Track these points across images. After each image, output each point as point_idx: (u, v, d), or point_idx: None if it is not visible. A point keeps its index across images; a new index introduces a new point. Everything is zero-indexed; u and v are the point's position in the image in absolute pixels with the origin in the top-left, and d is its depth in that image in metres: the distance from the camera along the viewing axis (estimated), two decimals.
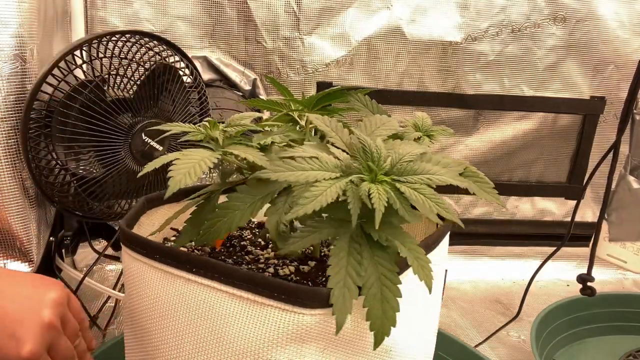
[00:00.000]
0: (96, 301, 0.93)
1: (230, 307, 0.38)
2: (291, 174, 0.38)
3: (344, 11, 1.05)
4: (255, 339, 0.37)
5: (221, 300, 0.39)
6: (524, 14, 1.10)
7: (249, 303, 0.38)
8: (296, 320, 0.37)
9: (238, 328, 0.38)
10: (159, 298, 0.42)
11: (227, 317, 0.38)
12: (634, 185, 0.95)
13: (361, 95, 0.57)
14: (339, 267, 0.37)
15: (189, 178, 0.40)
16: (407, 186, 0.39)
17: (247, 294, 0.38)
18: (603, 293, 0.92)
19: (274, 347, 0.37)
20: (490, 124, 1.17)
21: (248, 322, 0.38)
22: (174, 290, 0.41)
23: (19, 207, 0.71)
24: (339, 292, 0.36)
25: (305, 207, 0.36)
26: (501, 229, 1.24)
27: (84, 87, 0.68)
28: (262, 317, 0.37)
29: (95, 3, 0.97)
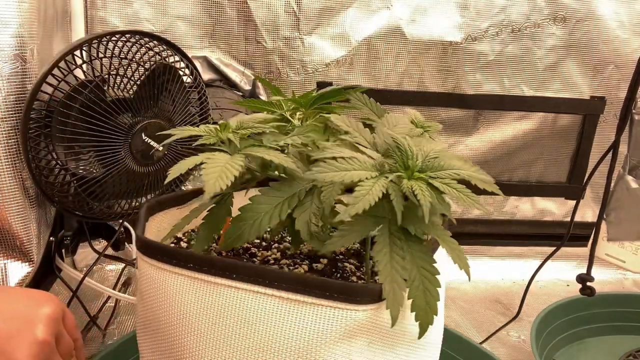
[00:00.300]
0: (96, 301, 0.93)
1: (278, 310, 0.38)
2: (336, 174, 0.39)
3: (344, 11, 1.05)
4: (306, 340, 0.38)
5: (268, 304, 0.38)
6: (524, 14, 1.10)
7: (297, 304, 0.38)
8: (348, 317, 0.38)
9: (287, 330, 0.38)
10: (194, 308, 0.40)
11: (275, 321, 0.38)
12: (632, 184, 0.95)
13: (360, 94, 0.57)
14: (385, 262, 0.39)
15: (223, 182, 0.39)
16: (439, 182, 0.41)
17: (295, 295, 0.38)
18: (603, 293, 0.92)
19: (325, 346, 0.38)
20: (490, 124, 1.17)
21: (298, 323, 0.38)
22: (212, 299, 0.40)
23: (19, 207, 0.71)
24: (390, 286, 0.38)
25: (356, 206, 0.37)
26: (501, 229, 1.24)
27: (84, 87, 0.68)
28: (313, 317, 0.38)
29: (95, 3, 0.97)
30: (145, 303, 0.44)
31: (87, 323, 0.85)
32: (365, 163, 0.41)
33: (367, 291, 0.38)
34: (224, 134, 0.45)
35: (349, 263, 0.53)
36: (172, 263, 0.41)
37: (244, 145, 0.45)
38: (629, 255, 0.97)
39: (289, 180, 0.44)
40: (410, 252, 0.40)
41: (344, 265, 0.53)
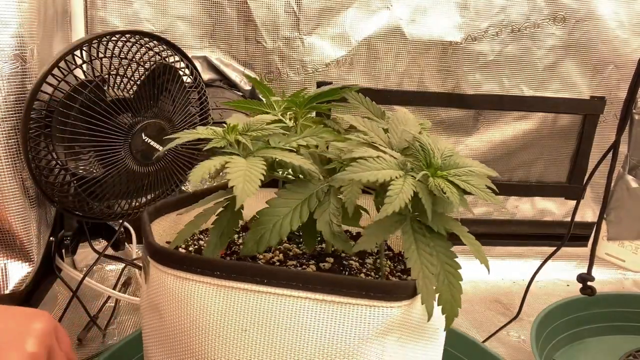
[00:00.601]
0: (96, 301, 0.93)
1: (315, 312, 0.38)
2: (370, 173, 0.40)
3: (344, 11, 1.06)
4: (344, 340, 0.38)
5: (303, 307, 0.38)
6: (523, 14, 1.10)
7: (334, 305, 0.38)
8: (385, 314, 0.39)
9: (325, 332, 0.38)
10: (223, 317, 0.39)
11: (311, 323, 0.38)
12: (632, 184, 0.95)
13: (357, 94, 0.57)
14: (415, 259, 0.40)
15: (251, 187, 0.39)
16: (459, 179, 0.43)
17: (331, 296, 0.38)
18: (603, 293, 0.92)
19: (363, 344, 0.39)
20: (490, 124, 1.17)
21: (335, 324, 0.38)
22: (243, 306, 0.39)
23: (19, 207, 0.71)
24: (422, 281, 0.39)
25: (392, 205, 0.38)
26: (501, 229, 1.24)
27: (84, 87, 0.68)
28: (350, 316, 0.38)
29: (95, 3, 0.97)
30: (162, 315, 0.42)
31: (87, 323, 0.85)
32: (390, 162, 0.42)
33: (403, 288, 0.39)
34: (232, 136, 0.44)
35: (353, 260, 0.53)
36: (197, 272, 0.39)
37: (256, 148, 0.44)
38: (629, 254, 0.97)
39: (303, 181, 0.44)
40: (434, 247, 0.42)
41: (350, 263, 0.53)
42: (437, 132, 1.15)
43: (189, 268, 0.40)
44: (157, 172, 0.76)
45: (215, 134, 0.44)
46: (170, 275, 0.41)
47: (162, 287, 0.42)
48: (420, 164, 0.44)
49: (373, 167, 0.41)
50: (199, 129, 0.45)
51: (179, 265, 0.40)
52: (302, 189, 0.43)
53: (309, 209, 0.42)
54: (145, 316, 0.47)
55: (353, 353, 0.39)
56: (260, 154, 0.43)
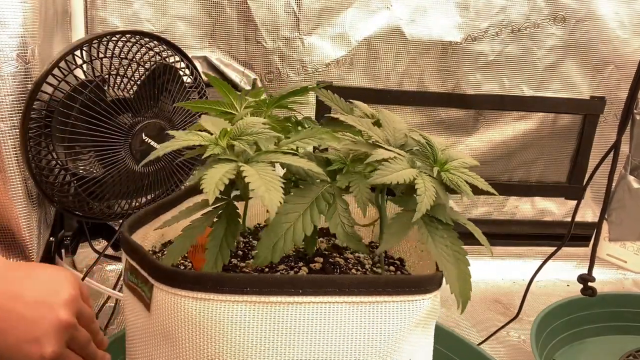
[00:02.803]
0: (96, 301, 0.93)
1: (352, 315, 0.38)
2: (396, 175, 0.41)
3: (343, 11, 1.05)
4: (385, 336, 0.39)
5: (341, 312, 0.38)
6: (523, 14, 1.10)
7: (371, 305, 0.38)
8: (419, 306, 0.40)
9: (365, 332, 0.38)
10: (258, 334, 0.37)
11: (350, 326, 0.38)
12: (634, 185, 0.95)
13: (327, 91, 0.57)
14: (436, 251, 0.42)
15: (278, 194, 0.37)
16: (460, 172, 0.44)
17: (368, 297, 0.38)
18: (603, 293, 0.92)
19: (402, 337, 0.40)
20: (490, 124, 1.17)
21: (376, 323, 0.38)
22: (280, 319, 0.37)
23: (22, 206, 0.71)
24: (447, 272, 0.41)
25: (423, 203, 0.40)
26: (501, 229, 1.24)
27: (84, 87, 0.68)
28: (388, 313, 0.39)
29: (95, 3, 0.97)
30: (178, 343, 0.38)
31: None
32: (403, 162, 0.43)
33: (433, 279, 0.41)
34: (224, 141, 0.43)
35: (338, 257, 0.54)
36: (224, 291, 0.36)
37: (255, 153, 0.43)
38: (631, 255, 0.97)
39: (307, 184, 0.44)
40: (447, 238, 0.43)
41: (336, 261, 0.53)
42: (437, 132, 1.15)
43: (214, 288, 0.36)
44: (157, 172, 0.76)
45: (207, 140, 0.42)
46: (186, 297, 0.37)
47: (176, 312, 0.38)
48: (429, 160, 0.45)
49: (395, 168, 0.42)
50: (186, 135, 0.43)
51: (199, 285, 0.37)
52: (307, 192, 0.43)
53: (319, 211, 0.42)
54: (144, 348, 0.42)
55: (393, 348, 0.39)
56: (262, 158, 0.42)
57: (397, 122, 0.51)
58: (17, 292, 0.49)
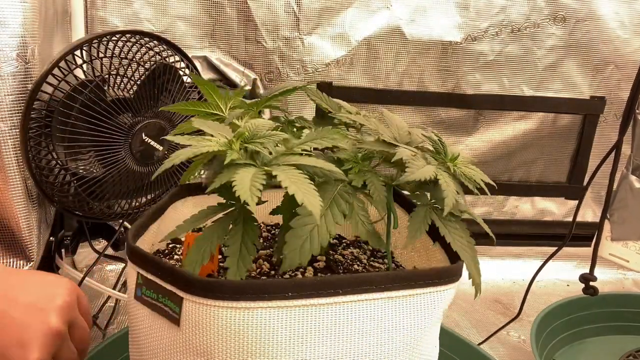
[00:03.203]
0: (96, 301, 0.93)
1: (388, 309, 0.39)
2: (422, 171, 0.42)
3: (343, 11, 1.05)
4: (421, 327, 0.41)
5: (378, 308, 0.39)
6: (523, 14, 1.10)
7: (406, 299, 0.40)
8: (447, 295, 0.43)
9: (400, 325, 0.40)
10: (307, 339, 0.37)
11: (387, 321, 0.39)
12: (636, 184, 0.95)
13: (315, 90, 0.57)
14: (455, 241, 0.43)
15: (315, 198, 0.37)
16: (464, 166, 0.47)
17: (403, 292, 0.40)
18: (603, 293, 0.92)
19: (433, 325, 0.43)
20: (490, 124, 1.17)
21: (410, 315, 0.41)
22: (323, 321, 0.37)
23: (21, 206, 0.71)
24: (468, 261, 0.43)
25: (448, 199, 0.42)
26: (501, 229, 1.24)
27: (84, 87, 0.68)
28: (423, 304, 0.41)
29: (95, 3, 0.97)
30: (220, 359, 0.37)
31: None
32: (420, 159, 0.45)
33: (457, 269, 0.43)
34: (237, 144, 0.41)
35: (336, 255, 0.55)
36: (266, 298, 0.36)
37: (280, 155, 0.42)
38: (633, 254, 0.97)
39: (322, 184, 0.43)
40: (459, 229, 0.45)
41: (336, 258, 0.54)
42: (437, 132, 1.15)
43: (255, 296, 0.36)
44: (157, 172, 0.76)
45: (223, 146, 0.41)
46: (226, 308, 0.36)
47: (215, 324, 0.36)
48: (441, 156, 0.47)
49: (419, 165, 0.43)
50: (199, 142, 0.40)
51: (239, 294, 0.36)
52: (322, 192, 0.42)
53: (340, 210, 0.42)
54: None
55: (424, 337, 0.42)
56: (282, 161, 0.41)
57: (397, 120, 0.52)
58: (11, 295, 0.48)
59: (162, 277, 0.38)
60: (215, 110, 0.50)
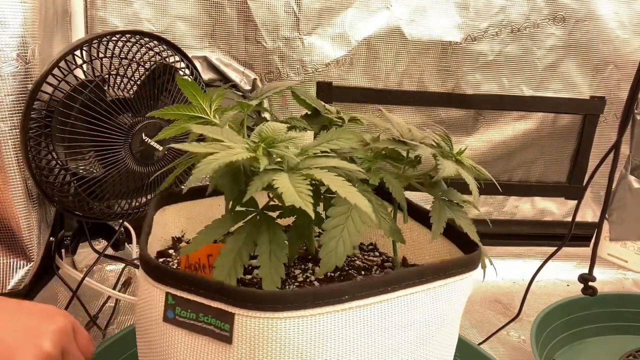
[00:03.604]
0: (96, 301, 0.93)
1: (430, 298, 0.42)
2: (449, 168, 0.45)
3: (343, 11, 1.06)
4: (456, 310, 0.45)
5: (421, 298, 0.41)
6: (523, 14, 1.10)
7: (443, 287, 0.43)
8: (471, 279, 0.45)
9: (440, 311, 0.43)
10: (354, 340, 0.37)
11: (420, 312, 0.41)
12: (634, 185, 0.95)
13: (303, 90, 0.58)
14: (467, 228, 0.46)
15: (365, 201, 0.37)
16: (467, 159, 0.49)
17: (440, 281, 0.42)
18: (603, 293, 0.92)
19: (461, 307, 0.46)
20: (490, 124, 1.17)
21: (447, 301, 0.43)
22: (374, 320, 0.38)
23: (21, 206, 0.71)
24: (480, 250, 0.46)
25: (475, 194, 0.46)
26: (501, 229, 1.24)
27: (84, 87, 0.68)
28: (456, 290, 0.44)
29: (95, 3, 0.97)
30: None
31: (87, 323, 0.85)
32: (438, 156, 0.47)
33: (478, 257, 0.46)
34: (259, 150, 0.40)
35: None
36: (322, 304, 0.36)
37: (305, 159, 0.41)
38: (632, 255, 0.97)
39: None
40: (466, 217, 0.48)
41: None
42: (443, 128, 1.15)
43: (313, 303, 0.36)
44: (157, 172, 0.76)
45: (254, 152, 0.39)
46: (285, 319, 0.35)
47: (272, 337, 0.35)
48: (448, 152, 0.49)
49: (447, 163, 0.46)
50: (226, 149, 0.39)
51: (298, 304, 0.35)
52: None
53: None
54: None
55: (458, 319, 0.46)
56: (307, 164, 0.40)
57: (396, 119, 0.53)
58: (6, 319, 0.48)
59: (206, 294, 0.36)
60: (200, 113, 0.49)
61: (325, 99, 1.07)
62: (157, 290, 0.39)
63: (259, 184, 0.37)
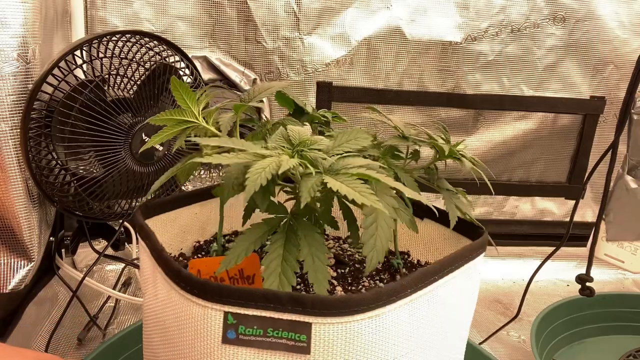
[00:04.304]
0: (96, 301, 0.93)
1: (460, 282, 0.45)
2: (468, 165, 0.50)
3: (343, 11, 1.06)
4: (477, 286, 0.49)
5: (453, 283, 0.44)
6: (523, 14, 1.10)
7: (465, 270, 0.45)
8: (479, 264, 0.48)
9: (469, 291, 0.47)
10: (411, 330, 0.39)
11: (460, 291, 0.45)
12: (631, 185, 0.95)
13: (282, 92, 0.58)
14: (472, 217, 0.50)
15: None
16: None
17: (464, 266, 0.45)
18: (603, 293, 0.92)
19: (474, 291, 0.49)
20: (490, 124, 1.17)
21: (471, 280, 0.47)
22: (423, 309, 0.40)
23: (22, 206, 0.71)
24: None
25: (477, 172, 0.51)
26: (501, 229, 1.24)
27: (84, 87, 0.68)
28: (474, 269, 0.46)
29: (95, 3, 0.97)
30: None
31: (87, 323, 0.85)
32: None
33: (487, 238, 0.48)
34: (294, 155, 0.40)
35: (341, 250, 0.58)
36: (392, 301, 0.37)
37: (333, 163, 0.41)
38: (628, 255, 0.97)
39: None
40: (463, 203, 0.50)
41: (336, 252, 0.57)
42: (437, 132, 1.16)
43: (387, 301, 0.37)
44: (157, 172, 0.76)
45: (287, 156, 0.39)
46: (361, 321, 0.36)
47: (352, 341, 0.36)
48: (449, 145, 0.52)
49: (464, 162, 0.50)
50: (267, 158, 0.38)
51: (375, 304, 0.36)
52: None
53: (391, 205, 0.42)
54: None
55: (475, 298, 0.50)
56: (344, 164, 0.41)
57: (395, 117, 0.54)
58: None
59: (276, 307, 0.35)
60: (190, 117, 0.48)
61: (325, 99, 1.07)
62: (211, 311, 0.36)
63: (309, 190, 0.36)
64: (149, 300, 0.44)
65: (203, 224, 0.59)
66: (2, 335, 0.78)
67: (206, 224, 0.59)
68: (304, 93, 1.08)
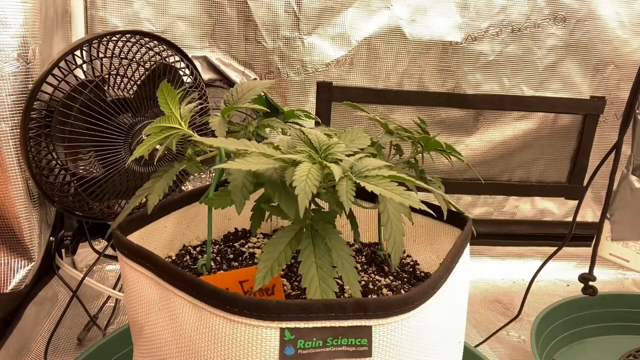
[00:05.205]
0: (96, 301, 0.93)
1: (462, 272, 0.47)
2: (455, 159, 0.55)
3: (344, 11, 1.05)
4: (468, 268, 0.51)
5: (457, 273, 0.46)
6: (524, 14, 1.10)
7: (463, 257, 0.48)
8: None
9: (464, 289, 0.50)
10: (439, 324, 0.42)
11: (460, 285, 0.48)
12: (636, 184, 0.95)
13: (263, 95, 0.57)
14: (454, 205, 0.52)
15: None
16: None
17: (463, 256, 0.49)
18: (603, 293, 0.92)
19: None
20: (490, 124, 1.17)
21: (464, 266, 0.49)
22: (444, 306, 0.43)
23: (22, 206, 0.71)
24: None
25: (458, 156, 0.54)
26: (501, 229, 1.24)
27: (84, 87, 0.68)
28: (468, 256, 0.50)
29: (95, 3, 0.97)
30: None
31: (87, 323, 0.85)
32: None
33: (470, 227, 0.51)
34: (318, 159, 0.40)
35: None
36: (430, 295, 0.40)
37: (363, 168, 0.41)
38: (633, 254, 0.97)
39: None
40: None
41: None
42: (437, 132, 1.16)
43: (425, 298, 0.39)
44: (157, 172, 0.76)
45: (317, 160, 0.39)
46: (409, 318, 0.37)
47: (406, 336, 0.37)
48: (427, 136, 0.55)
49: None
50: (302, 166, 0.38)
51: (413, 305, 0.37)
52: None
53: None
54: None
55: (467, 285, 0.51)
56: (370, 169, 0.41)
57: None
58: None
59: (338, 315, 0.35)
60: (174, 123, 0.47)
61: (325, 99, 1.07)
62: (266, 330, 0.35)
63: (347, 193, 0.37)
64: (160, 330, 0.40)
65: (172, 237, 0.56)
66: (2, 335, 0.78)
67: (175, 237, 0.56)
68: (304, 93, 1.08)
